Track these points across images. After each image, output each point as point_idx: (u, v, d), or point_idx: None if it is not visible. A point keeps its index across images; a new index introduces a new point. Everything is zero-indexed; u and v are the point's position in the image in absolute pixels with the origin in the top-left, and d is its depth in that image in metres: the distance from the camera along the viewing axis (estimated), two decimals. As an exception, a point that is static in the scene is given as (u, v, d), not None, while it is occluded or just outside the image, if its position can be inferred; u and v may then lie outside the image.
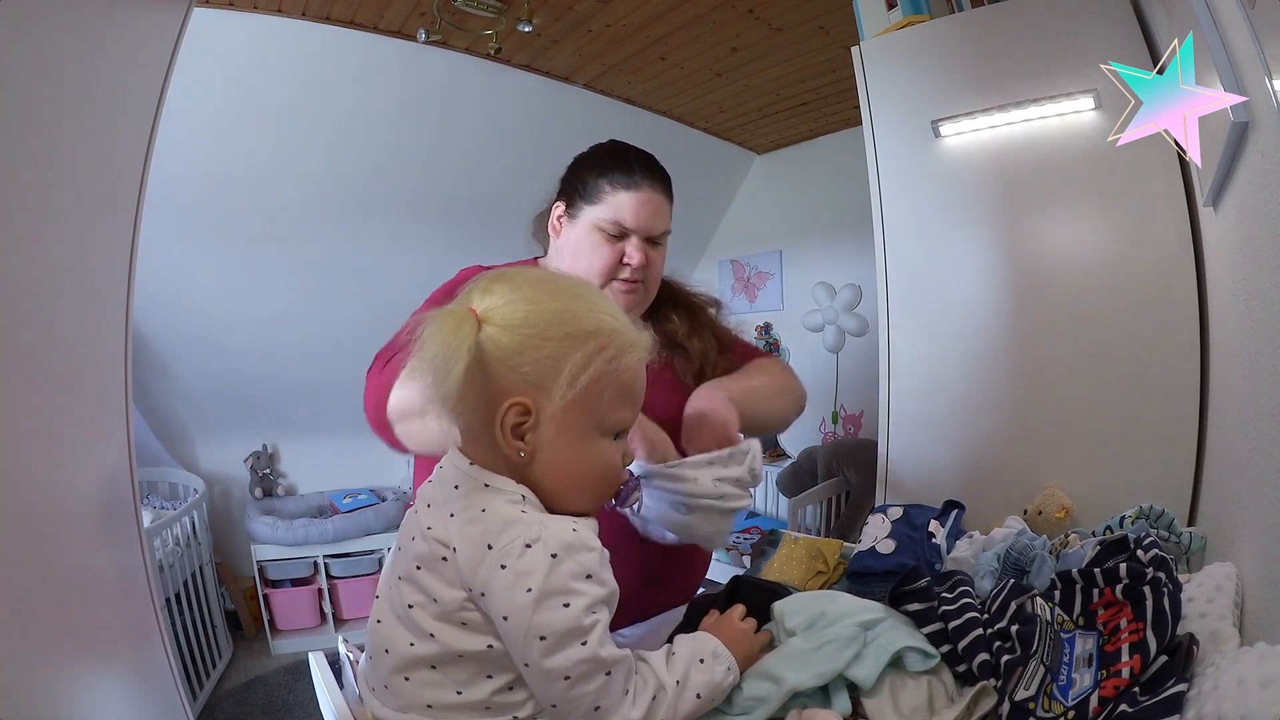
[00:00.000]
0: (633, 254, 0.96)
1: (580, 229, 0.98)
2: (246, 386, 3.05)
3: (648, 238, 0.98)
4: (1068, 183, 1.42)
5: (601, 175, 0.98)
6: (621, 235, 0.97)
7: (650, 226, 0.98)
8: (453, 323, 0.55)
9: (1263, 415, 0.74)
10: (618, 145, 1.04)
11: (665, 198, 1.01)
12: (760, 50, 2.48)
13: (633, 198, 0.96)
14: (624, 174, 0.97)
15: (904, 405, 1.66)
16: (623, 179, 0.97)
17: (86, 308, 1.26)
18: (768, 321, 3.84)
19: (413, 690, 0.57)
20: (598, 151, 1.03)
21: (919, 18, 1.59)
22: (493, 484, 0.58)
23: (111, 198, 1.31)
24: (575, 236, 0.99)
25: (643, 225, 0.97)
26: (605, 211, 0.96)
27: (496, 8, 2.10)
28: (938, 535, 1.03)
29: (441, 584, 0.55)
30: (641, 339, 0.61)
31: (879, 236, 1.66)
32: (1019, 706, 0.58)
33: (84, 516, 1.22)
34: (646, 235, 0.98)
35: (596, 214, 0.97)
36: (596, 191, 0.98)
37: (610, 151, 1.02)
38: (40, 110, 1.01)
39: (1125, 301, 1.35)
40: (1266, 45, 0.64)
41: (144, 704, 1.37)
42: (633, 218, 0.96)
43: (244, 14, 1.99)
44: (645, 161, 1.00)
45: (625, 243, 0.97)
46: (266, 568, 2.94)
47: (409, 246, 2.90)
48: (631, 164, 0.98)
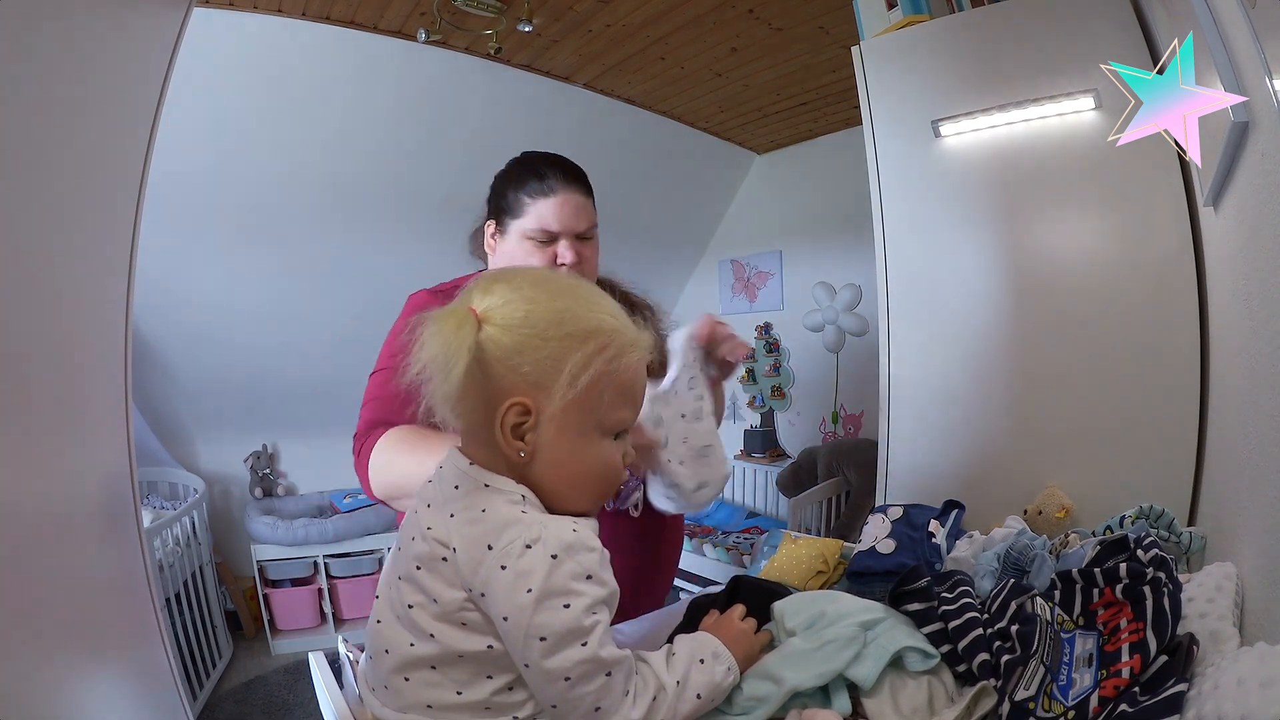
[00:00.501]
0: (565, 254, 1.01)
1: (511, 242, 1.03)
2: (246, 386, 3.05)
3: (575, 235, 1.03)
4: (1068, 183, 1.42)
5: (519, 189, 1.02)
6: (550, 239, 1.01)
7: (574, 225, 1.02)
8: (453, 322, 0.55)
9: (1263, 415, 0.74)
10: (528, 156, 1.08)
11: (583, 195, 1.05)
12: (760, 50, 2.48)
13: (551, 203, 1.00)
14: (537, 182, 1.01)
15: (904, 405, 1.66)
16: (537, 187, 1.01)
17: (86, 308, 1.26)
18: (768, 321, 3.84)
19: (413, 690, 0.57)
20: (511, 166, 1.08)
21: (919, 18, 1.59)
22: (493, 484, 0.58)
23: (111, 198, 1.31)
24: (508, 250, 1.04)
25: (567, 226, 1.01)
26: (530, 221, 1.01)
27: (496, 8, 2.10)
28: (938, 535, 1.03)
29: (441, 584, 0.55)
30: (642, 338, 0.61)
31: (879, 236, 1.66)
32: (1019, 706, 0.58)
33: (84, 516, 1.22)
34: (573, 234, 1.02)
35: (523, 226, 1.01)
36: (518, 205, 1.02)
37: (522, 163, 1.06)
38: (40, 110, 1.01)
39: (1125, 301, 1.34)
40: (1266, 45, 0.64)
41: (144, 704, 1.37)
42: (556, 221, 1.00)
43: (244, 14, 1.99)
44: (556, 165, 1.04)
45: (555, 245, 1.02)
46: (266, 568, 2.94)
47: (409, 246, 2.90)
48: (543, 171, 1.02)
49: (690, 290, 4.26)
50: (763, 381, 3.85)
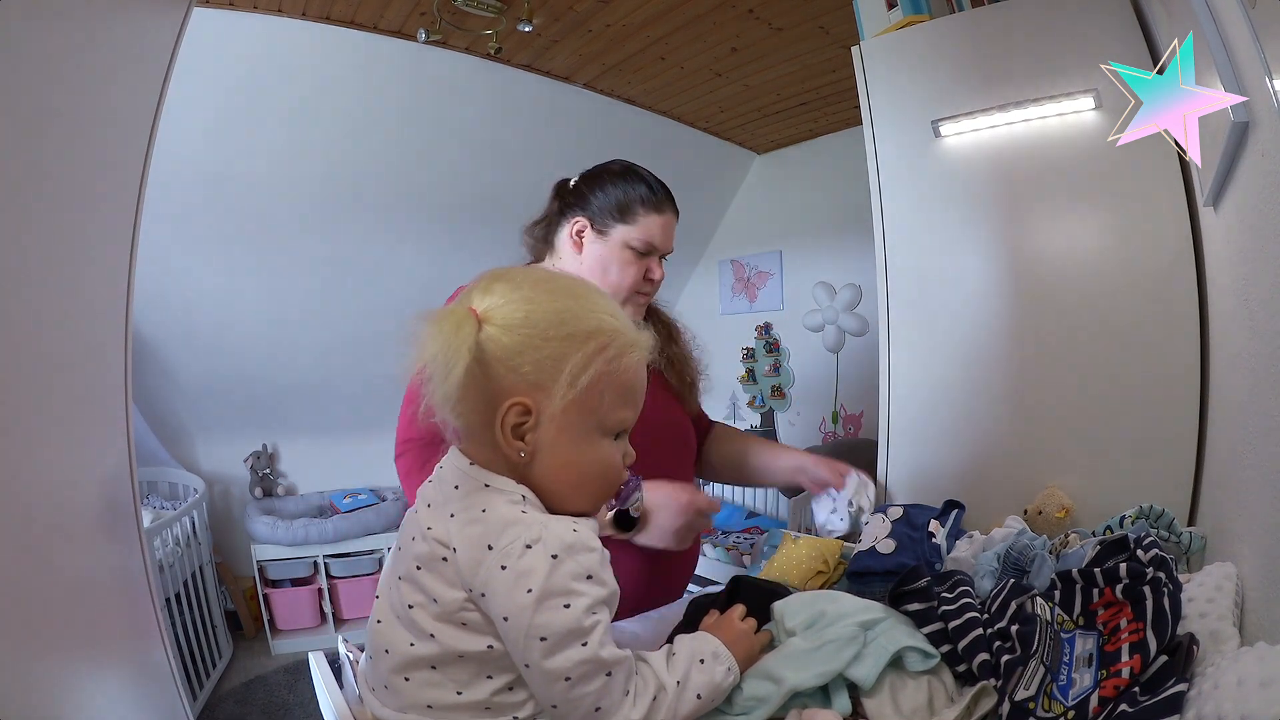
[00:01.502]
0: (656, 270, 1.07)
1: (610, 247, 1.05)
2: (246, 386, 3.05)
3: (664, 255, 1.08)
4: (1068, 183, 1.42)
5: (632, 195, 1.06)
6: (648, 253, 1.06)
7: (670, 246, 1.09)
8: (453, 323, 0.55)
9: (1263, 415, 0.74)
10: (635, 166, 1.10)
11: (677, 220, 1.10)
12: (760, 50, 2.48)
13: (662, 220, 1.06)
14: (651, 195, 1.06)
15: (904, 405, 1.66)
16: (652, 200, 1.06)
17: (86, 308, 1.26)
18: (768, 321, 3.84)
19: (413, 690, 0.57)
20: (619, 171, 1.09)
21: (919, 18, 1.59)
22: (493, 484, 0.58)
23: (111, 198, 1.31)
24: (604, 253, 1.06)
25: (666, 245, 1.08)
26: (638, 232, 1.04)
27: (496, 8, 2.10)
28: (938, 535, 1.03)
29: (442, 584, 0.55)
30: (642, 339, 0.61)
31: (879, 236, 1.66)
32: (1019, 706, 0.58)
33: (84, 516, 1.22)
34: (664, 253, 1.08)
35: (629, 234, 1.04)
36: (629, 212, 1.05)
37: (633, 173, 1.09)
38: (40, 110, 1.01)
39: (1125, 301, 1.34)
40: (1266, 45, 0.64)
41: (144, 704, 1.37)
42: (661, 238, 1.06)
43: (243, 14, 1.99)
44: (665, 186, 1.10)
45: (649, 260, 1.06)
46: (266, 568, 2.94)
47: (409, 246, 2.90)
48: (655, 189, 1.07)
49: (690, 290, 4.26)
50: (763, 381, 3.85)
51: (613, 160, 1.13)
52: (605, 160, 1.13)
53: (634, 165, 1.10)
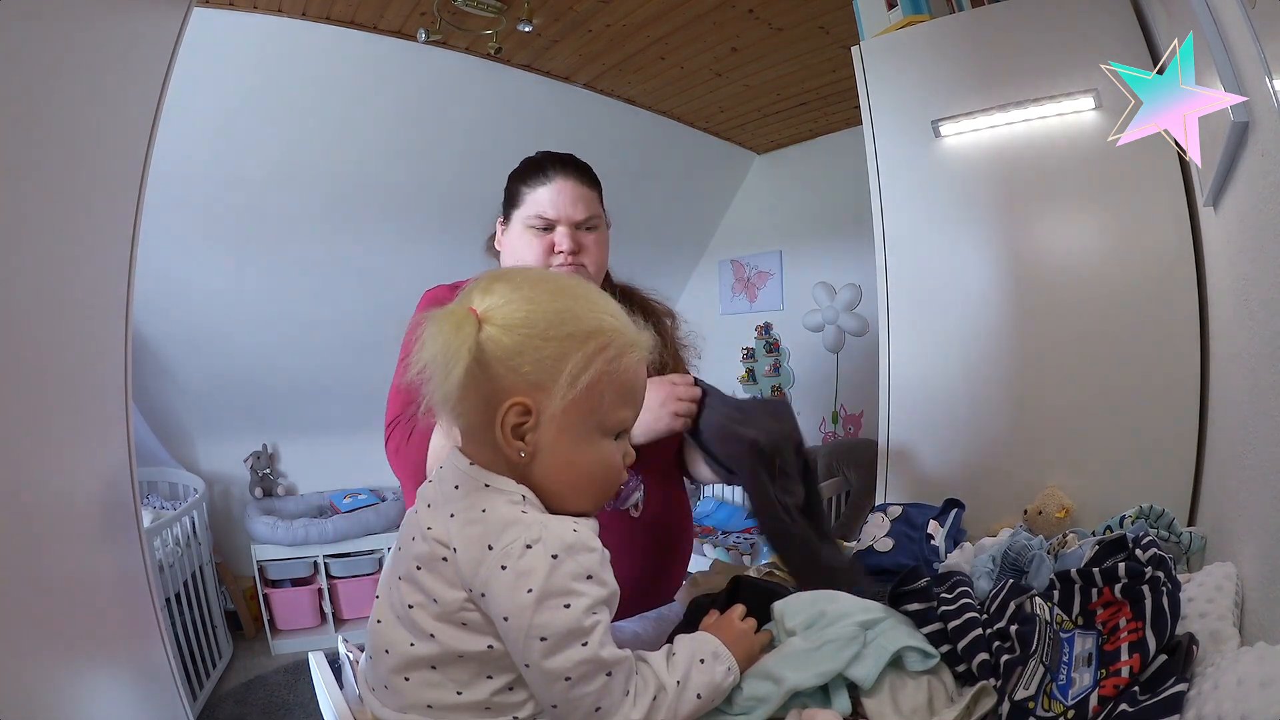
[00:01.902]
0: (561, 240, 1.02)
1: (513, 234, 1.06)
2: (246, 386, 3.05)
3: (575, 224, 1.04)
4: (1068, 183, 1.42)
5: (520, 181, 1.06)
6: (548, 226, 1.03)
7: (571, 213, 1.03)
8: (453, 323, 0.55)
9: (1262, 415, 0.74)
10: (536, 154, 1.10)
11: (583, 185, 1.06)
12: (760, 50, 2.48)
13: (546, 190, 1.03)
14: (536, 172, 1.05)
15: (904, 405, 1.66)
16: (536, 177, 1.04)
17: (86, 308, 1.26)
18: (768, 321, 3.84)
19: (413, 690, 0.57)
20: (519, 165, 1.10)
21: (919, 18, 1.59)
22: (493, 484, 0.58)
23: (111, 198, 1.31)
24: (511, 241, 1.07)
25: (564, 213, 1.03)
26: (528, 209, 1.04)
27: (496, 8, 2.10)
28: (936, 536, 1.03)
29: (442, 584, 0.55)
30: (642, 339, 0.61)
31: (879, 236, 1.66)
32: (1019, 706, 0.58)
33: (84, 516, 1.22)
34: (571, 222, 1.03)
35: (523, 215, 1.04)
36: (518, 196, 1.06)
37: (526, 159, 1.09)
38: (41, 110, 1.01)
39: (1125, 301, 1.34)
40: (1266, 45, 0.64)
41: (144, 704, 1.37)
42: (551, 208, 1.03)
43: (243, 14, 1.99)
44: (557, 158, 1.07)
45: (553, 234, 1.03)
46: (266, 568, 2.94)
47: (408, 246, 2.90)
48: (542, 163, 1.06)
49: (690, 290, 4.26)
50: (763, 381, 3.85)
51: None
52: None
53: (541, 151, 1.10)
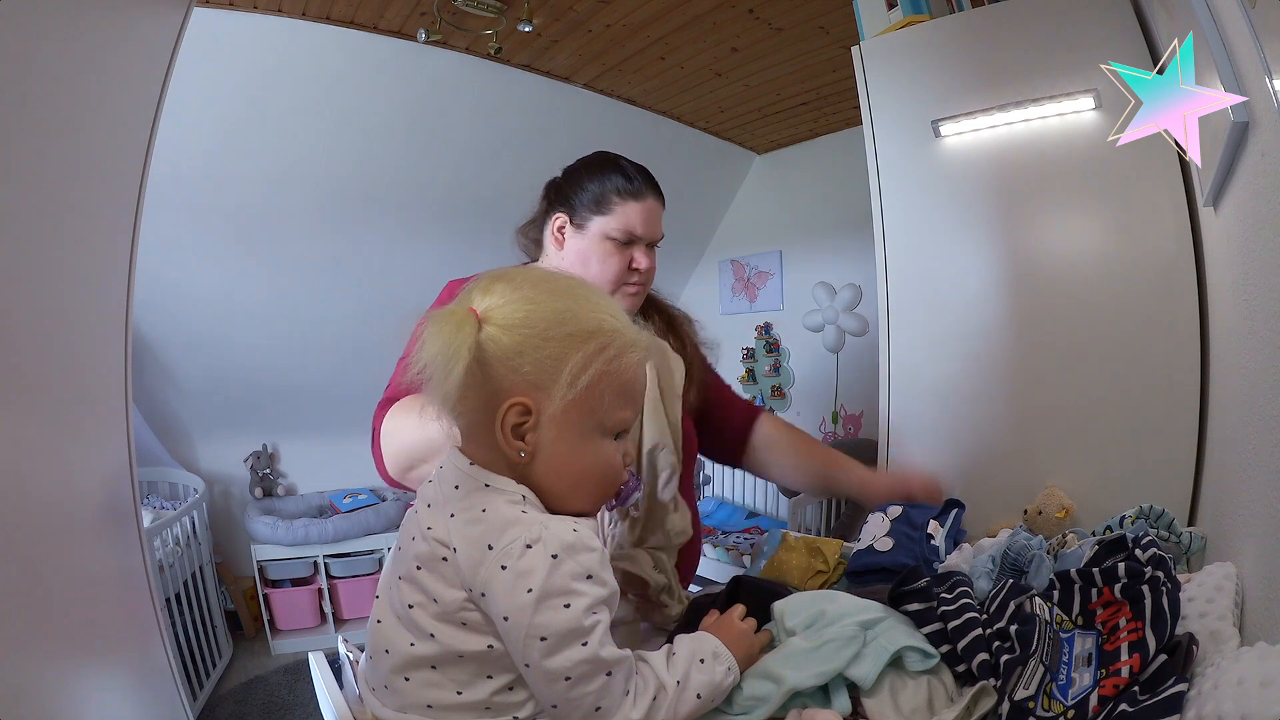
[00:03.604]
0: (641, 260, 1.03)
1: (589, 240, 1.03)
2: (246, 386, 3.05)
3: (650, 243, 1.04)
4: (1068, 183, 1.42)
5: (607, 186, 1.03)
6: (630, 243, 1.02)
7: (654, 233, 1.04)
8: (453, 322, 0.55)
9: (1263, 415, 0.74)
10: (611, 156, 1.07)
11: (662, 206, 1.06)
12: (760, 50, 2.48)
13: (640, 207, 1.02)
14: (628, 183, 1.02)
15: (904, 405, 1.66)
16: (629, 189, 1.02)
17: (86, 308, 1.26)
18: (768, 321, 3.84)
19: (413, 690, 0.57)
20: (595, 163, 1.07)
21: (919, 18, 1.59)
22: (493, 484, 0.58)
23: (111, 198, 1.31)
24: (583, 247, 1.03)
25: (649, 233, 1.03)
26: (615, 221, 1.01)
27: (496, 8, 2.10)
28: (936, 536, 1.03)
29: (442, 584, 0.55)
30: (642, 339, 0.61)
31: (879, 236, 1.66)
32: (1019, 706, 0.58)
33: (84, 516, 1.22)
34: (650, 241, 1.04)
35: (607, 224, 1.01)
36: (604, 202, 1.02)
37: (608, 163, 1.06)
38: (41, 110, 1.01)
39: (1125, 301, 1.34)
40: (1266, 45, 0.64)
41: (144, 704, 1.37)
42: (642, 226, 1.02)
43: (243, 14, 1.99)
44: (642, 170, 1.06)
45: (633, 250, 1.03)
46: (266, 568, 2.94)
47: (408, 246, 2.90)
48: (633, 175, 1.04)
49: (690, 290, 4.26)
50: (763, 381, 3.85)
51: (594, 152, 1.09)
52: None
53: (612, 155, 1.07)
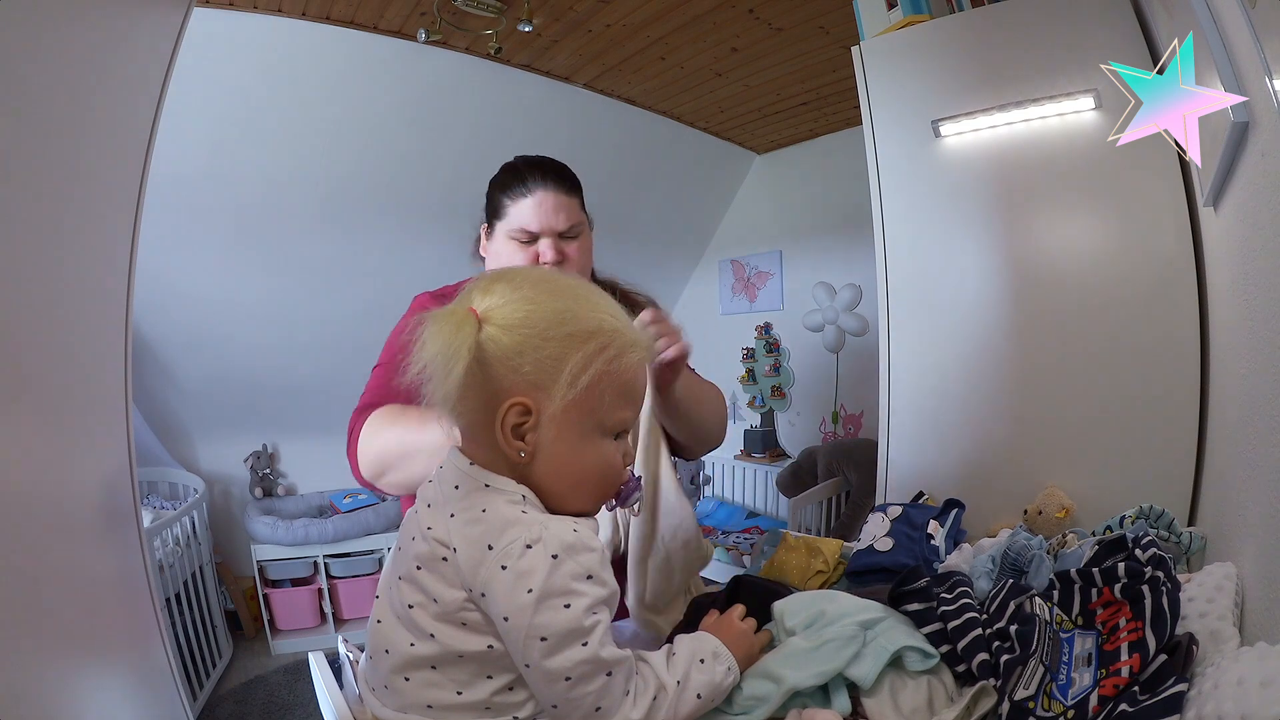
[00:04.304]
0: (546, 253, 1.01)
1: (498, 244, 1.05)
2: (246, 386, 3.05)
3: (557, 234, 1.03)
4: (1068, 183, 1.42)
5: (501, 191, 1.04)
6: (531, 239, 1.02)
7: (553, 224, 1.02)
8: (453, 323, 0.55)
9: (1262, 415, 0.74)
10: (513, 161, 1.08)
11: (563, 193, 1.04)
12: (760, 50, 2.48)
13: (528, 203, 1.02)
14: (517, 183, 1.03)
15: (904, 405, 1.66)
16: (517, 188, 1.03)
17: (86, 308, 1.26)
18: (768, 321, 3.84)
19: (413, 690, 0.57)
20: (498, 172, 1.08)
21: (919, 18, 1.59)
22: (493, 484, 0.58)
23: (111, 198, 1.31)
24: (495, 251, 1.06)
25: (546, 225, 1.02)
26: (511, 222, 1.03)
27: (496, 8, 2.10)
28: (936, 536, 1.03)
29: (442, 584, 0.55)
30: (642, 338, 0.61)
31: (879, 236, 1.66)
32: (1019, 706, 0.58)
33: (84, 516, 1.22)
34: (554, 233, 1.02)
35: (506, 227, 1.03)
36: (500, 207, 1.04)
37: (506, 167, 1.07)
38: (41, 110, 1.01)
39: (1125, 302, 1.34)
40: (1266, 45, 0.64)
41: (144, 704, 1.37)
42: (534, 221, 1.01)
43: (243, 14, 1.99)
44: (536, 166, 1.05)
45: (537, 245, 1.02)
46: (266, 568, 2.94)
47: (408, 246, 2.90)
48: (522, 173, 1.03)
49: (690, 290, 4.26)
50: (763, 381, 3.85)
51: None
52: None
53: (517, 159, 1.08)
